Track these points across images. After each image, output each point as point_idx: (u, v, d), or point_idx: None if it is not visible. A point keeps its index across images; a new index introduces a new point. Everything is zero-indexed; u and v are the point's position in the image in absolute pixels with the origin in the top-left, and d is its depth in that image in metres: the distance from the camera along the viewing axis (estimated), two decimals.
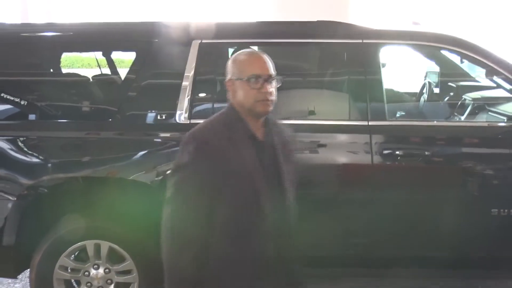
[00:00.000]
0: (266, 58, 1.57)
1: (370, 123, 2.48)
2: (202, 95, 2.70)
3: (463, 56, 2.86)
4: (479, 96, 3.07)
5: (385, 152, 2.47)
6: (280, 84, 1.57)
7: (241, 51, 1.67)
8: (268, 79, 1.52)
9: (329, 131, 2.53)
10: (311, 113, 2.65)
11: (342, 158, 2.54)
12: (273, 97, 1.55)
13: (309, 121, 2.60)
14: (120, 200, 2.54)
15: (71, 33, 2.84)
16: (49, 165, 2.55)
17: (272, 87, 1.55)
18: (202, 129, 1.60)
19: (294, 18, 3.00)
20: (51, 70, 2.78)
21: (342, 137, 2.57)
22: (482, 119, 2.81)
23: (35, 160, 2.56)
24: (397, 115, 3.13)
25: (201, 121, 2.27)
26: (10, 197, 2.47)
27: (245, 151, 1.54)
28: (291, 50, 3.10)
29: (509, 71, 2.52)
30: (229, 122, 1.58)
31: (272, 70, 1.56)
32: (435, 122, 2.95)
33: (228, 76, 1.57)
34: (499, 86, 2.77)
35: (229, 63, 1.60)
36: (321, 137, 2.52)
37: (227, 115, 1.61)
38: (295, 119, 2.50)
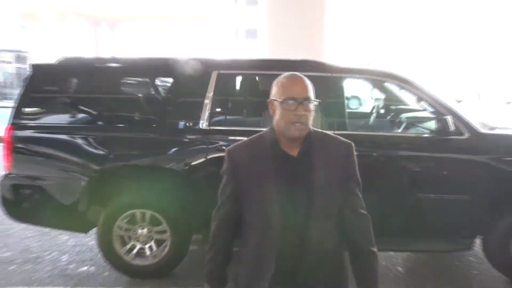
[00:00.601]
0: (305, 81, 1.58)
1: (336, 132, 3.46)
2: (218, 109, 3.70)
3: (400, 87, 3.90)
4: (411, 116, 3.98)
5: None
6: (315, 108, 1.59)
7: (284, 73, 1.64)
8: (303, 101, 1.51)
9: None
10: None
11: None
12: (307, 120, 1.53)
13: None
14: (159, 182, 3.50)
15: (128, 65, 3.89)
16: (111, 156, 3.52)
17: (307, 110, 1.52)
18: (236, 144, 1.68)
19: (286, 55, 3.91)
20: (114, 90, 3.72)
21: None
22: (412, 132, 3.72)
23: (101, 152, 3.52)
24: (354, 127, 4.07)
25: (217, 128, 3.34)
26: (84, 178, 3.45)
27: (263, 167, 1.55)
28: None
29: (431, 99, 3.54)
30: (257, 140, 1.66)
31: (308, 93, 1.54)
32: (380, 133, 3.93)
33: (270, 97, 1.61)
34: (424, 109, 3.70)
35: (273, 84, 1.63)
36: None
37: (264, 133, 1.66)
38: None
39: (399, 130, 3.83)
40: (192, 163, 3.44)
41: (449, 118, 3.34)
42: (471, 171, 3.46)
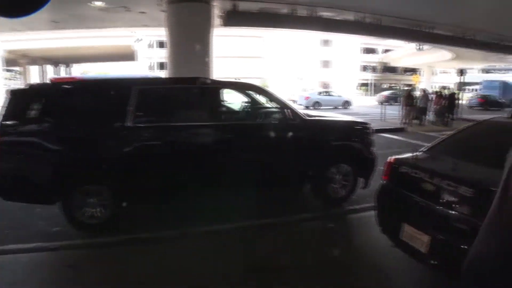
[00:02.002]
0: None
1: (218, 123, 5.43)
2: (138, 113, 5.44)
3: (257, 93, 6.18)
4: (266, 111, 6.11)
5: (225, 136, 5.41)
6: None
7: None
8: None
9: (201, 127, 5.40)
10: (190, 118, 5.37)
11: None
12: None
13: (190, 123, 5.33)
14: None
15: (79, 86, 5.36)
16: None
17: None
18: None
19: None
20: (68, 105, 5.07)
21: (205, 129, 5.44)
22: (266, 122, 5.88)
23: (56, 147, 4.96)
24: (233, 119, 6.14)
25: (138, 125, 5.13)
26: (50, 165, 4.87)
27: None
28: (184, 90, 5.72)
29: (276, 100, 5.82)
30: None
31: None
32: (247, 122, 6.04)
33: None
34: (273, 106, 5.91)
35: None
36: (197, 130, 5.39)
37: None
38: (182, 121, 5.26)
39: (260, 120, 6.05)
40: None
41: (288, 111, 5.67)
42: (300, 141, 5.76)
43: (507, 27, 15.94)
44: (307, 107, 27.84)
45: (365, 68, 63.66)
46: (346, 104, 32.46)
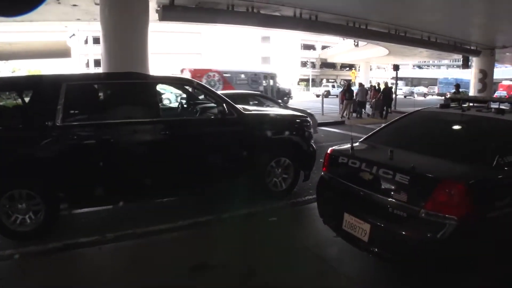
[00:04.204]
0: None
1: (155, 119, 5.21)
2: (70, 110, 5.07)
3: (194, 88, 6.04)
4: (203, 106, 6.05)
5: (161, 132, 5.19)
6: None
7: None
8: None
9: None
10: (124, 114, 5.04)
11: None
12: None
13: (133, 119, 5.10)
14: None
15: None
16: None
17: None
18: None
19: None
20: None
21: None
22: (204, 116, 5.83)
23: None
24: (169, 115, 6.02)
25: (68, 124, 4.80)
26: None
27: None
28: (118, 84, 5.47)
29: (213, 94, 5.72)
30: None
31: None
32: (184, 117, 5.95)
33: None
34: (210, 101, 5.80)
35: None
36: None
37: None
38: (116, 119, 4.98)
39: (197, 115, 5.93)
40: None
41: (225, 106, 5.56)
42: (238, 136, 5.69)
43: (436, 25, 16.84)
44: None
45: (305, 64, 65.04)
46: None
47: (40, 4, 1.66)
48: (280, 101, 13.64)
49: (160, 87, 5.77)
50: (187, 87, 6.10)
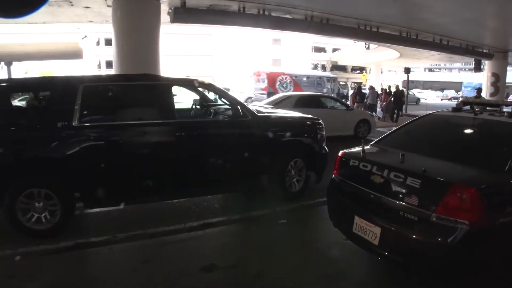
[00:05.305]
0: None
1: (167, 120, 5.22)
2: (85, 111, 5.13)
3: (208, 90, 6.05)
4: (216, 108, 6.03)
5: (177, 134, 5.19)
6: None
7: None
8: None
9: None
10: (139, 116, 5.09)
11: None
12: None
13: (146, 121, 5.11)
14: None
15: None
16: None
17: None
18: None
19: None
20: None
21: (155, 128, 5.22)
22: (215, 118, 5.86)
23: None
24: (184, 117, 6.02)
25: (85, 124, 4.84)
26: None
27: None
28: (133, 86, 5.43)
29: (227, 96, 5.73)
30: None
31: None
32: (198, 119, 5.98)
33: None
34: (228, 105, 5.77)
35: None
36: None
37: None
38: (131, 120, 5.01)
39: (210, 118, 5.97)
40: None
41: (239, 107, 5.58)
42: (253, 138, 5.70)
43: (448, 28, 16.70)
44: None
45: (315, 67, 64.87)
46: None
47: (40, 6, 1.65)
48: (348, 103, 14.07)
49: (174, 88, 5.73)
50: (201, 89, 6.12)
